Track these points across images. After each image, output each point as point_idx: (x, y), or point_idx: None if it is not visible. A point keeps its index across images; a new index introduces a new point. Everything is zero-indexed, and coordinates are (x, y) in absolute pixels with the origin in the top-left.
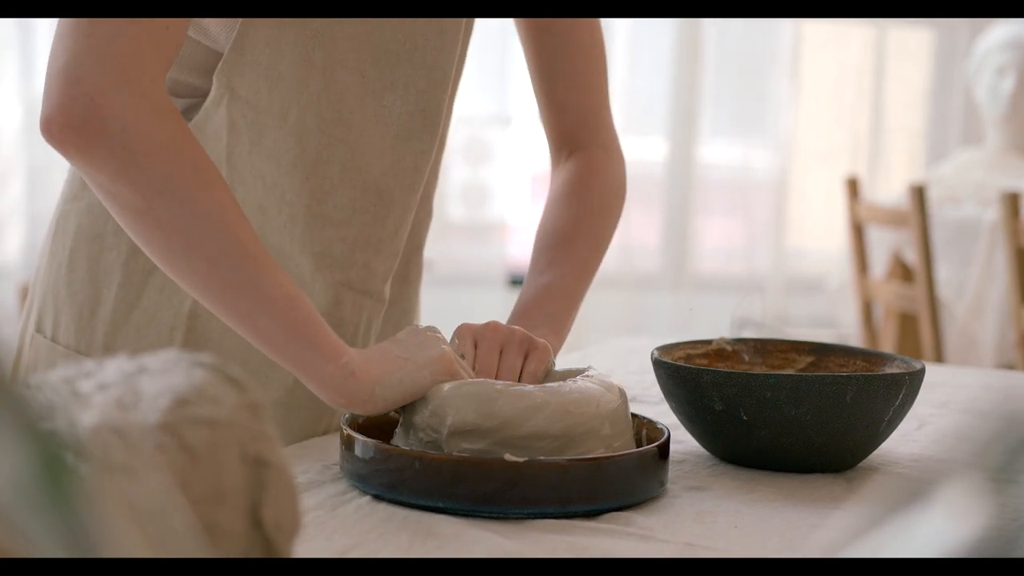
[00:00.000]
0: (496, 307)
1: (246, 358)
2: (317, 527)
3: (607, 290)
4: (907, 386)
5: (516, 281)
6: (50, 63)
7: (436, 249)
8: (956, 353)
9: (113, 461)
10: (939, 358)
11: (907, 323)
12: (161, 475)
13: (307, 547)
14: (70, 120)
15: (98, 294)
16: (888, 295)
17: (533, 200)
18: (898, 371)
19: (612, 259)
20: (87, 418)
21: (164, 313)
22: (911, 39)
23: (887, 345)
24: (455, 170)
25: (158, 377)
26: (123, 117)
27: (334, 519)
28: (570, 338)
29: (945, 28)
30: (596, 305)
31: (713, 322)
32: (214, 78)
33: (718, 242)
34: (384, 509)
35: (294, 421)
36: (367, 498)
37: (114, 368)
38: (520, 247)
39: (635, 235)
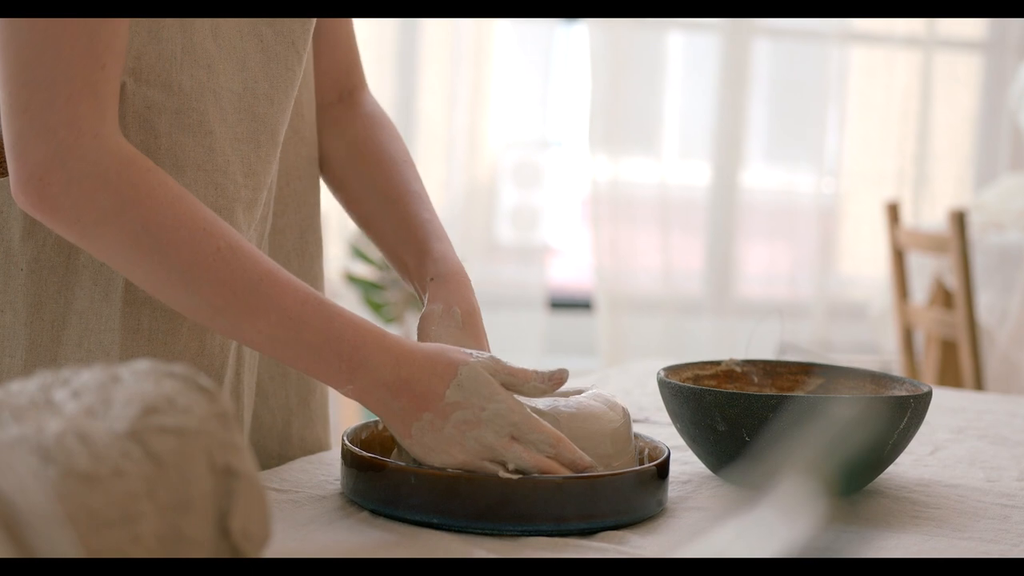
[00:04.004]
0: (536, 330)
1: None
2: (312, 541)
3: (649, 313)
4: (912, 409)
5: (556, 304)
6: (3, 137)
7: (482, 271)
8: (997, 381)
9: (76, 467)
10: (979, 385)
11: (949, 350)
12: (124, 482)
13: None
14: (29, 198)
15: None
16: (929, 321)
17: (583, 223)
18: (904, 394)
19: (654, 282)
20: (53, 425)
21: None
22: (959, 63)
23: (929, 372)
24: (504, 193)
25: (130, 386)
26: (67, 192)
27: (329, 534)
28: (609, 359)
29: (994, 52)
30: (638, 328)
31: (756, 348)
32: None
33: (762, 267)
34: (380, 524)
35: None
36: (365, 513)
37: (89, 376)
38: (562, 271)
39: (678, 259)
